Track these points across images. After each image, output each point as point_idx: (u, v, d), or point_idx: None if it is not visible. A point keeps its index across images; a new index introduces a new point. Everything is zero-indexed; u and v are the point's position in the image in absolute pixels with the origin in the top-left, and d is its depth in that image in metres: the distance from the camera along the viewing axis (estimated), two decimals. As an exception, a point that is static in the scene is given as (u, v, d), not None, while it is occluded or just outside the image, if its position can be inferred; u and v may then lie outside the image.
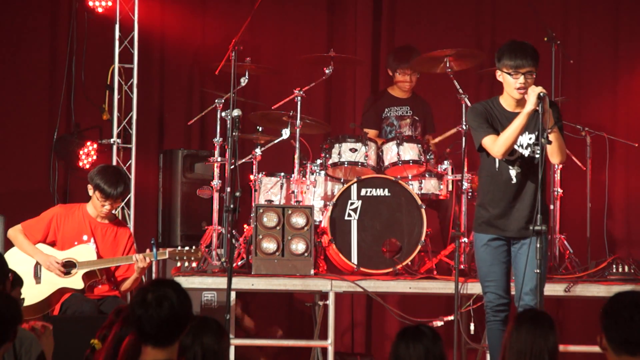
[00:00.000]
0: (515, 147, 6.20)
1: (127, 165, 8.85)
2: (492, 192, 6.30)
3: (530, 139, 6.19)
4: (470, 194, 8.32)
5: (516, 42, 6.29)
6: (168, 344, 4.01)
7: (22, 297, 5.81)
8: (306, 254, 7.91)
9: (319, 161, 8.40)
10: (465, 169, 8.19)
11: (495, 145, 6.17)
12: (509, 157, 6.22)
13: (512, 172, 6.23)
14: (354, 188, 8.08)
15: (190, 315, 4.07)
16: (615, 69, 9.77)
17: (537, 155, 6.14)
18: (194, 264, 7.76)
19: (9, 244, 7.38)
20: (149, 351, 4.02)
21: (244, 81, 8.37)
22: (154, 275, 8.81)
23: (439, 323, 7.70)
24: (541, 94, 6.02)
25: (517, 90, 6.17)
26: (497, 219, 6.26)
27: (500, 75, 6.25)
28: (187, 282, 7.72)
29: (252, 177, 8.36)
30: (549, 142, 6.02)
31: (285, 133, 8.25)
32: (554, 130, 6.07)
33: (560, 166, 8.35)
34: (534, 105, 6.03)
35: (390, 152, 8.36)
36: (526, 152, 6.18)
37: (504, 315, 6.26)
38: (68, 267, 7.19)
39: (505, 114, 6.22)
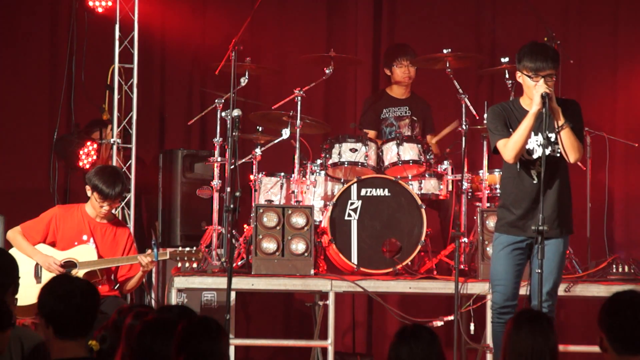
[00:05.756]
0: (535, 146, 6.19)
1: (127, 165, 8.85)
2: (515, 194, 6.26)
3: (549, 138, 6.14)
4: (470, 193, 8.32)
5: (537, 44, 6.25)
6: (85, 334, 4.31)
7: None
8: (306, 254, 7.91)
9: (319, 161, 8.40)
10: (465, 169, 8.19)
11: (506, 149, 6.16)
12: (529, 158, 6.21)
13: (534, 173, 6.20)
14: (354, 188, 8.08)
15: (96, 307, 4.39)
16: (615, 69, 9.78)
17: (558, 154, 6.15)
18: (194, 264, 7.75)
19: (8, 245, 7.36)
20: (68, 345, 4.29)
21: (244, 81, 8.37)
22: (154, 275, 8.81)
23: (439, 323, 7.70)
24: (544, 94, 6.01)
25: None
26: (520, 220, 6.24)
27: (520, 77, 6.20)
28: (187, 282, 7.72)
29: (252, 177, 8.36)
30: (553, 142, 6.01)
31: (285, 133, 8.25)
32: (564, 128, 6.06)
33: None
34: (538, 106, 6.02)
35: (390, 152, 8.36)
36: (547, 152, 6.11)
37: (507, 317, 6.22)
38: (68, 267, 7.18)
39: (525, 115, 6.16)
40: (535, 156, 6.19)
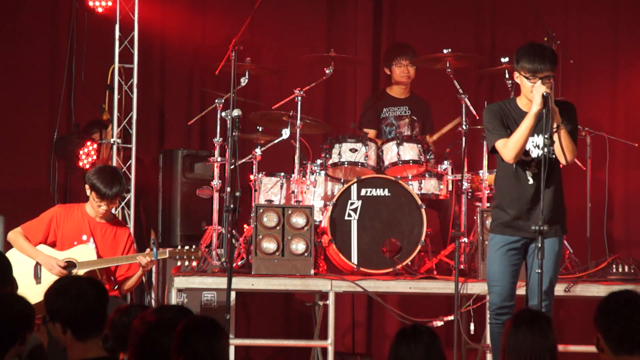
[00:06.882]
0: (532, 147, 6.19)
1: (127, 165, 8.85)
2: (510, 194, 6.26)
3: (546, 138, 6.13)
4: (470, 193, 8.32)
5: (535, 45, 6.21)
6: (99, 333, 4.30)
7: None
8: (306, 254, 7.91)
9: (319, 161, 8.40)
10: (465, 169, 8.19)
11: (505, 149, 6.15)
12: (525, 158, 6.20)
13: (529, 173, 6.20)
14: (354, 188, 8.08)
15: (107, 303, 4.36)
16: (615, 69, 9.78)
17: (554, 156, 6.14)
18: (194, 264, 7.75)
19: (9, 246, 7.36)
20: (88, 345, 4.28)
21: (244, 81, 8.37)
22: (154, 275, 8.81)
23: (439, 323, 7.70)
24: (544, 94, 6.01)
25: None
26: (515, 220, 6.24)
27: (518, 77, 6.20)
28: (187, 282, 7.72)
29: (252, 177, 8.36)
30: (552, 143, 6.01)
31: (285, 133, 8.25)
32: (560, 130, 6.06)
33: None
34: (539, 106, 6.02)
35: (391, 152, 8.37)
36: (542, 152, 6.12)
37: (505, 318, 6.23)
38: (68, 267, 7.18)
39: (522, 115, 6.16)
40: (531, 157, 6.20)
